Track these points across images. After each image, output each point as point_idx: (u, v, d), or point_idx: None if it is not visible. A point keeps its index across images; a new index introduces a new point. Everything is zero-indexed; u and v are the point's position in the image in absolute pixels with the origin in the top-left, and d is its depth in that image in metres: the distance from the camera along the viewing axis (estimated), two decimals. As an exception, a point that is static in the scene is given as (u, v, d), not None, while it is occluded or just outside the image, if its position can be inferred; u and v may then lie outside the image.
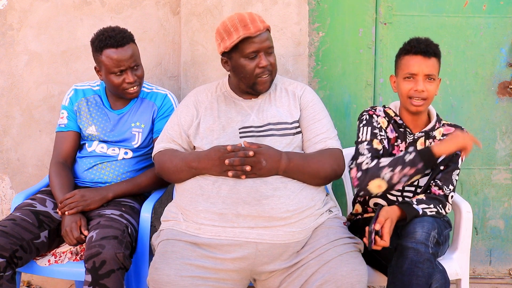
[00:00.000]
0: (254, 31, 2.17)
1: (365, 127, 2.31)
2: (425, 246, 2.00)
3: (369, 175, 2.16)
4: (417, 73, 2.19)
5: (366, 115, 2.34)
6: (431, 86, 2.21)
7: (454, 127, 2.32)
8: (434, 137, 2.29)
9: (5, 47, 2.94)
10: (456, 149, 2.14)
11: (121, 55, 2.39)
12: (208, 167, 2.11)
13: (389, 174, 2.13)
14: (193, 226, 2.06)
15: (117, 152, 2.51)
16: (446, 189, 2.24)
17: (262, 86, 2.25)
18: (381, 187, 2.16)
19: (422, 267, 1.98)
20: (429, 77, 2.20)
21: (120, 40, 2.39)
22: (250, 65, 2.22)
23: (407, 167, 2.12)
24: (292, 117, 2.27)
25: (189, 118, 2.31)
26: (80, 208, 2.30)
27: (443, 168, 2.26)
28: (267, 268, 2.03)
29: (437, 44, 2.26)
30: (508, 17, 2.94)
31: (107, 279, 2.06)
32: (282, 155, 2.11)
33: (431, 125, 2.30)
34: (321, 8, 2.92)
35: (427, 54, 2.19)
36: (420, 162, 2.11)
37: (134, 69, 2.44)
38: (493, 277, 3.12)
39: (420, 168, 2.12)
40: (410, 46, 2.23)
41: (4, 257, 2.09)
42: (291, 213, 2.04)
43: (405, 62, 2.23)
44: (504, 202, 3.09)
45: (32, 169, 3.01)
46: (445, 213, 2.24)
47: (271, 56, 2.24)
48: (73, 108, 2.55)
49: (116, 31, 2.43)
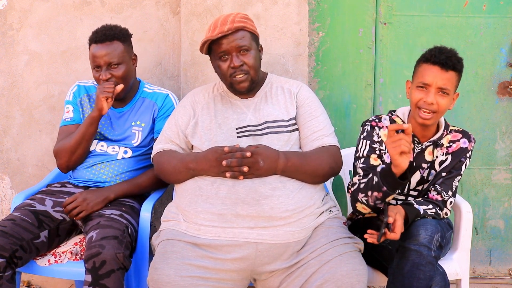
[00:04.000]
0: (216, 33, 2.18)
1: (364, 140, 2.26)
2: (428, 249, 1.98)
3: (353, 198, 2.18)
4: (430, 84, 2.10)
5: (368, 126, 2.28)
6: (443, 100, 2.10)
7: (461, 133, 2.26)
8: (442, 145, 2.25)
9: (5, 47, 2.94)
10: (396, 159, 1.94)
11: (97, 51, 2.41)
12: (206, 168, 2.11)
13: (364, 198, 2.12)
14: (193, 227, 2.06)
15: (117, 150, 2.51)
16: (445, 194, 2.19)
17: (238, 85, 2.24)
18: (365, 209, 2.16)
19: (423, 269, 1.97)
20: (442, 91, 2.10)
21: (101, 36, 2.40)
22: (223, 66, 2.23)
23: (375, 191, 2.06)
24: (288, 115, 2.27)
25: (186, 118, 2.31)
26: (86, 213, 2.31)
27: (445, 174, 2.22)
28: (267, 268, 2.03)
29: (461, 58, 2.14)
30: (508, 17, 2.94)
31: (107, 279, 2.05)
32: (279, 154, 2.11)
33: (439, 134, 2.23)
34: (321, 8, 2.92)
35: (445, 66, 2.08)
36: (383, 185, 2.02)
37: (111, 68, 2.43)
38: (493, 277, 3.12)
39: (386, 191, 2.02)
40: (430, 55, 2.12)
41: (4, 257, 2.09)
42: (290, 212, 2.04)
43: (421, 70, 2.14)
44: (504, 202, 3.09)
45: (32, 169, 3.01)
46: (442, 217, 2.21)
47: (246, 56, 2.22)
48: (76, 102, 2.56)
49: (107, 28, 2.44)
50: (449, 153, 2.23)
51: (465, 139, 2.25)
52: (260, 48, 2.33)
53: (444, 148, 2.24)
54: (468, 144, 2.24)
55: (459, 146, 2.23)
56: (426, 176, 2.26)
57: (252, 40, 2.25)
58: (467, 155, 2.23)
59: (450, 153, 2.23)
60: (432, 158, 2.25)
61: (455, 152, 2.23)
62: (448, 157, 2.23)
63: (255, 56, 2.24)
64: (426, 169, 2.25)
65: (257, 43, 2.29)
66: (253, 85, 2.28)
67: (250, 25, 2.25)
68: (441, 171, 2.23)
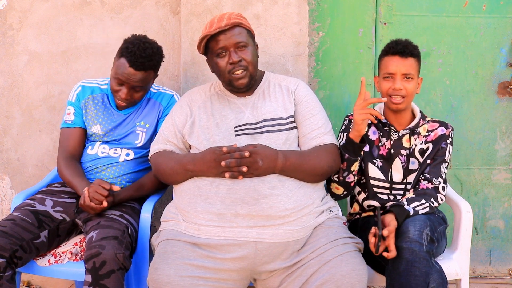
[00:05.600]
0: (214, 29, 2.18)
1: (342, 132, 2.43)
2: (419, 244, 2.00)
3: (327, 182, 2.35)
4: (394, 73, 2.29)
5: (347, 120, 2.45)
6: (409, 85, 2.29)
7: (438, 122, 2.38)
8: (419, 134, 2.36)
9: (5, 47, 2.94)
10: (359, 124, 2.17)
11: (131, 75, 2.38)
12: (204, 170, 2.11)
13: (335, 176, 2.28)
14: (193, 226, 2.06)
15: (119, 153, 2.50)
16: (435, 181, 2.28)
17: (237, 82, 2.24)
18: (338, 189, 2.33)
19: (418, 266, 1.99)
20: (406, 76, 2.29)
21: (139, 65, 2.36)
22: (221, 63, 2.23)
23: (340, 163, 2.25)
24: (286, 112, 2.27)
25: (183, 117, 2.31)
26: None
27: (430, 161, 2.32)
28: (267, 267, 2.03)
29: (416, 45, 2.35)
30: (508, 17, 2.94)
31: (107, 279, 2.05)
32: (278, 154, 2.11)
33: (415, 121, 2.36)
34: (321, 8, 2.92)
35: (404, 54, 2.29)
36: (345, 153, 2.23)
37: (135, 90, 2.43)
38: (493, 277, 3.12)
39: (348, 157, 2.22)
40: (389, 47, 2.34)
41: (4, 257, 2.09)
42: (289, 211, 2.04)
43: (384, 63, 2.34)
44: (504, 202, 3.09)
45: (32, 169, 3.01)
46: (437, 205, 2.25)
47: (244, 52, 2.22)
48: (80, 105, 2.55)
49: (147, 54, 2.37)
50: (429, 142, 2.35)
51: (442, 127, 2.38)
52: (257, 46, 2.33)
53: (422, 137, 2.35)
54: (445, 131, 2.36)
55: (437, 134, 2.36)
56: (406, 164, 2.34)
57: (249, 37, 2.25)
58: (448, 141, 2.35)
59: (429, 141, 2.35)
60: (410, 146, 2.34)
61: (434, 140, 2.35)
62: (429, 145, 2.35)
63: (252, 52, 2.25)
64: (404, 156, 2.35)
65: (254, 40, 2.30)
66: (252, 81, 2.27)
67: (246, 22, 2.27)
68: (425, 159, 2.33)
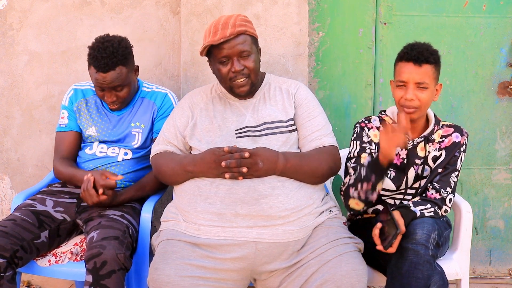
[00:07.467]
0: (218, 38, 2.16)
1: (355, 141, 2.31)
2: (425, 247, 1.98)
3: (345, 196, 2.22)
4: (407, 81, 2.13)
5: (358, 127, 2.32)
6: (422, 94, 2.13)
7: (453, 127, 2.27)
8: (434, 140, 2.25)
9: (5, 47, 2.94)
10: (391, 148, 2.04)
11: (100, 78, 2.37)
12: (204, 170, 2.11)
13: (355, 193, 2.15)
14: (193, 226, 2.06)
15: (117, 152, 2.50)
16: (443, 192, 2.19)
17: (239, 89, 2.24)
18: (358, 205, 2.18)
19: (421, 269, 1.98)
20: (420, 85, 2.12)
21: (104, 66, 2.34)
22: (223, 70, 2.22)
23: (364, 182, 2.11)
24: (287, 115, 2.27)
25: (184, 119, 2.31)
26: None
27: (441, 170, 2.22)
28: (267, 267, 2.03)
29: (435, 50, 2.17)
30: (508, 17, 2.94)
31: (108, 279, 2.06)
32: (279, 155, 2.11)
33: (430, 129, 2.25)
34: (321, 8, 2.92)
35: (418, 61, 2.11)
36: (372, 175, 2.09)
37: (116, 90, 2.42)
38: (493, 277, 3.13)
39: (375, 180, 2.09)
40: (404, 53, 2.16)
41: (5, 257, 2.09)
42: (289, 211, 2.04)
43: (398, 69, 2.19)
44: (504, 202, 3.09)
45: (32, 169, 3.01)
46: (441, 215, 2.20)
47: (247, 60, 2.21)
48: (73, 108, 2.55)
49: (108, 54, 2.34)
50: (442, 148, 2.24)
51: (457, 133, 2.25)
52: (259, 50, 2.32)
53: (436, 144, 2.25)
54: (460, 138, 2.24)
55: (451, 140, 2.24)
56: (420, 172, 2.26)
57: (253, 43, 2.24)
58: (461, 149, 2.23)
59: (443, 148, 2.24)
60: (425, 154, 2.25)
61: (448, 147, 2.23)
62: (442, 152, 2.24)
63: (255, 59, 2.24)
64: (419, 165, 2.26)
65: (257, 45, 2.29)
66: (253, 88, 2.28)
67: (251, 28, 2.25)
68: (436, 167, 2.23)
